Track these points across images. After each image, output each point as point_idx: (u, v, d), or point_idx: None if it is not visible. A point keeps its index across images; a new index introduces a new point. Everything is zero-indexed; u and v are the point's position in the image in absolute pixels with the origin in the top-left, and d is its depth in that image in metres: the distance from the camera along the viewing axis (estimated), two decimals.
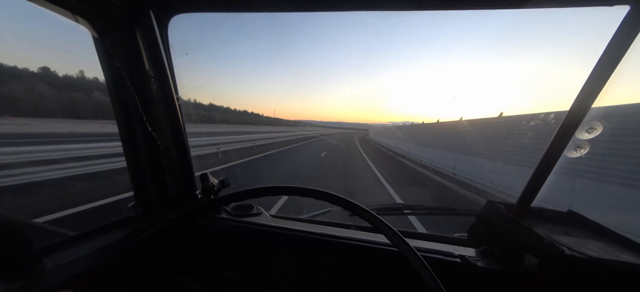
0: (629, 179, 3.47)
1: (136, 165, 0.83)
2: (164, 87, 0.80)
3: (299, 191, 0.65)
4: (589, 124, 0.74)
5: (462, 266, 0.69)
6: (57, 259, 0.61)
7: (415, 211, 1.15)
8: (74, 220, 3.40)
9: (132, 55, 0.73)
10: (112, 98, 0.76)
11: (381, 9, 0.70)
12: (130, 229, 0.79)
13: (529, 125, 5.94)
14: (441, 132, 11.22)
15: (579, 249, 0.57)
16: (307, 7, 0.73)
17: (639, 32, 0.56)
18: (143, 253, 0.75)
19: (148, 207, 0.86)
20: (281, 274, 0.83)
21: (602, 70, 0.61)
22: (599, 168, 3.87)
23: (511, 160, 6.19)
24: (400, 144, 17.63)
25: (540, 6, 0.63)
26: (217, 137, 12.13)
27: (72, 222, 3.33)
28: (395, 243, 0.56)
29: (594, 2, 0.60)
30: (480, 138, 7.90)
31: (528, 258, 0.62)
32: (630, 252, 0.58)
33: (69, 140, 9.29)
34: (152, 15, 0.73)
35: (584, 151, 0.84)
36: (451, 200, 6.10)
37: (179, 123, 0.87)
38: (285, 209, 4.13)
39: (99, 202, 4.09)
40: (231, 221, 0.91)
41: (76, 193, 4.41)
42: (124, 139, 0.80)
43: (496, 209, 0.76)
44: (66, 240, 0.67)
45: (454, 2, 0.67)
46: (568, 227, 0.71)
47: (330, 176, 7.66)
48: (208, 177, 0.91)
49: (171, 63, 0.84)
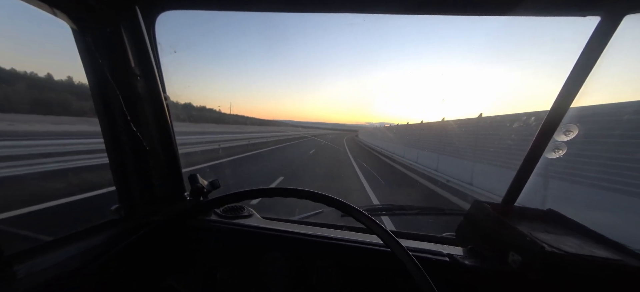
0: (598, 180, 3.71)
1: (120, 166, 0.79)
2: (151, 86, 0.77)
3: (293, 192, 0.64)
4: (566, 126, 0.79)
5: (450, 265, 0.71)
6: (31, 266, 0.57)
7: (406, 212, 1.17)
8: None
9: (116, 52, 0.70)
10: (94, 96, 0.72)
11: (370, 12, 0.72)
12: (113, 232, 0.76)
13: (509, 126, 6.34)
14: (422, 133, 12.03)
15: (557, 246, 0.60)
16: (298, 7, 0.73)
17: (609, 40, 0.62)
18: (127, 257, 0.72)
19: (133, 209, 0.83)
20: (273, 277, 0.82)
21: (578, 74, 0.66)
22: (572, 168, 4.12)
23: (486, 159, 6.65)
24: (385, 144, 18.37)
25: (522, 14, 0.67)
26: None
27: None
28: (388, 243, 0.57)
29: (569, 13, 0.66)
30: (461, 137, 8.50)
31: (512, 255, 0.65)
32: (604, 248, 0.62)
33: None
34: (138, 11, 0.71)
35: (562, 151, 0.88)
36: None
37: (167, 122, 0.84)
38: (275, 209, 4.10)
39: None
40: (221, 222, 0.89)
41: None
42: (107, 139, 0.76)
43: (482, 209, 0.79)
44: (42, 245, 0.63)
45: (441, 9, 0.70)
46: (548, 225, 0.75)
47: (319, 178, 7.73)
48: (197, 179, 0.89)
49: (159, 61, 0.82)
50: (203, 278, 0.86)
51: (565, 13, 0.66)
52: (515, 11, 0.66)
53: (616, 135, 3.63)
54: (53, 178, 5.10)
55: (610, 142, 3.72)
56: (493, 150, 6.26)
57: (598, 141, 3.85)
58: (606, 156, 3.71)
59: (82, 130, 11.28)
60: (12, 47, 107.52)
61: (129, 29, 0.70)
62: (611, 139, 3.71)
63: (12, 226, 2.79)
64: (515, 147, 5.51)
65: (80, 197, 4.28)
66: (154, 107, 0.80)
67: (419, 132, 12.24)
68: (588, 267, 0.57)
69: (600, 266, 0.57)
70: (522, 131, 5.48)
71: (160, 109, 0.82)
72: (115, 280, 0.69)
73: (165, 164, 0.87)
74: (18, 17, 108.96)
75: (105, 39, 0.68)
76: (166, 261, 0.85)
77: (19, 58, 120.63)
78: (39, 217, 3.39)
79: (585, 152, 3.94)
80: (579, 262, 0.57)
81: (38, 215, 3.43)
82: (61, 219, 3.39)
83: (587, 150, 3.94)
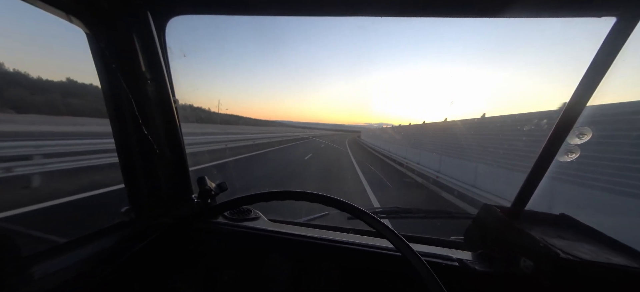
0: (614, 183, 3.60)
1: (131, 168, 0.81)
2: (161, 89, 0.79)
3: (305, 196, 0.64)
4: (580, 128, 0.77)
5: (460, 269, 0.70)
6: (46, 267, 0.58)
7: (413, 215, 1.16)
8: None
9: (128, 56, 0.71)
10: (106, 99, 0.74)
11: (373, 14, 0.72)
12: (124, 234, 0.77)
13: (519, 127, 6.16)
14: (425, 133, 11.50)
15: (572, 252, 0.59)
16: (302, 11, 0.74)
17: (626, 41, 0.60)
18: (137, 260, 0.73)
19: (142, 211, 0.84)
20: (279, 279, 0.82)
21: (593, 75, 0.65)
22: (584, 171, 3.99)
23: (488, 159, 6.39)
24: (388, 145, 18.02)
25: (534, 16, 0.66)
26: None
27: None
28: (399, 247, 0.56)
29: (584, 14, 0.64)
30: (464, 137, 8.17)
31: (523, 261, 0.63)
32: (620, 255, 0.60)
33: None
34: (149, 17, 0.72)
35: (576, 155, 0.86)
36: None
37: (176, 125, 0.85)
38: (282, 212, 4.11)
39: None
40: (228, 225, 0.90)
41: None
42: (118, 142, 0.78)
43: (492, 212, 0.77)
44: (56, 247, 0.65)
45: (444, 11, 0.69)
46: (560, 230, 0.73)
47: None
48: (205, 181, 0.90)
49: (168, 65, 0.83)
50: (207, 280, 0.86)
51: (580, 14, 0.64)
52: (525, 13, 0.65)
53: (631, 136, 3.53)
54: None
55: (626, 143, 3.62)
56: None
57: (610, 142, 3.75)
58: (619, 157, 3.61)
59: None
60: (36, 52, 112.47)
61: (140, 34, 0.71)
62: (625, 140, 3.61)
63: (30, 226, 2.94)
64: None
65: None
66: (163, 110, 0.81)
67: (422, 133, 11.42)
68: (605, 274, 0.55)
69: (618, 273, 0.55)
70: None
71: (170, 112, 0.83)
72: (126, 283, 0.70)
73: (173, 166, 0.88)
74: (37, 23, 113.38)
75: (118, 44, 0.69)
76: (176, 263, 0.86)
77: (39, 62, 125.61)
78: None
79: (596, 154, 3.84)
80: (595, 270, 0.56)
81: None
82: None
83: (598, 151, 3.83)
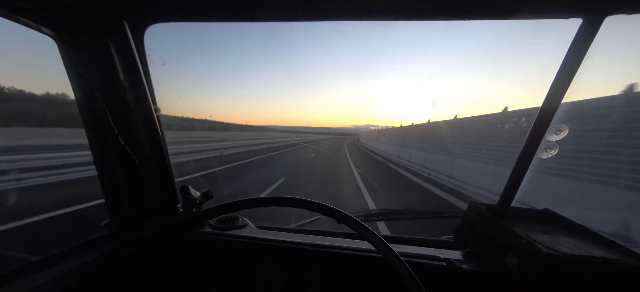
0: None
1: (110, 180, 0.78)
2: (140, 98, 0.77)
3: (289, 201, 0.63)
4: (557, 125, 0.79)
5: (448, 269, 0.70)
6: (16, 288, 0.55)
7: (404, 216, 1.16)
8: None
9: (104, 66, 0.69)
10: (81, 110, 0.71)
11: (367, 19, 0.73)
12: (104, 248, 0.74)
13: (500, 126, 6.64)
14: (412, 133, 14.12)
15: (554, 247, 0.60)
16: (292, 16, 0.73)
17: (592, 41, 0.63)
18: (119, 274, 0.69)
19: (124, 224, 0.81)
20: (269, 288, 0.80)
21: (565, 74, 0.67)
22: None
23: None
24: (383, 146, 20.83)
25: (509, 18, 0.69)
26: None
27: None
28: (380, 249, 0.56)
29: (552, 16, 0.68)
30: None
31: (510, 258, 0.64)
32: (600, 247, 0.62)
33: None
34: (126, 25, 0.70)
35: (555, 150, 0.89)
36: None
37: (158, 134, 0.83)
38: (272, 218, 4.07)
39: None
40: (214, 234, 0.87)
41: None
42: (95, 153, 0.75)
43: (478, 211, 0.79)
44: (29, 265, 0.61)
45: (430, 14, 0.71)
46: (544, 226, 0.74)
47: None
48: (189, 190, 0.88)
49: (148, 73, 0.81)
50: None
51: (549, 16, 0.67)
52: (503, 15, 0.68)
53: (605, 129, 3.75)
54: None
55: (595, 137, 3.86)
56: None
57: (585, 136, 3.97)
58: (589, 149, 3.84)
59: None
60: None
61: (117, 43, 0.70)
62: (598, 133, 3.84)
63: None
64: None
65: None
66: (144, 119, 0.79)
67: (410, 133, 13.93)
68: (585, 267, 0.57)
69: (597, 266, 0.56)
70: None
71: (151, 121, 0.80)
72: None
73: (156, 177, 0.85)
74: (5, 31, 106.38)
75: (93, 54, 0.67)
76: (159, 275, 0.83)
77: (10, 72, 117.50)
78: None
79: (574, 148, 4.07)
80: (576, 263, 0.57)
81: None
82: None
83: (576, 145, 4.06)
